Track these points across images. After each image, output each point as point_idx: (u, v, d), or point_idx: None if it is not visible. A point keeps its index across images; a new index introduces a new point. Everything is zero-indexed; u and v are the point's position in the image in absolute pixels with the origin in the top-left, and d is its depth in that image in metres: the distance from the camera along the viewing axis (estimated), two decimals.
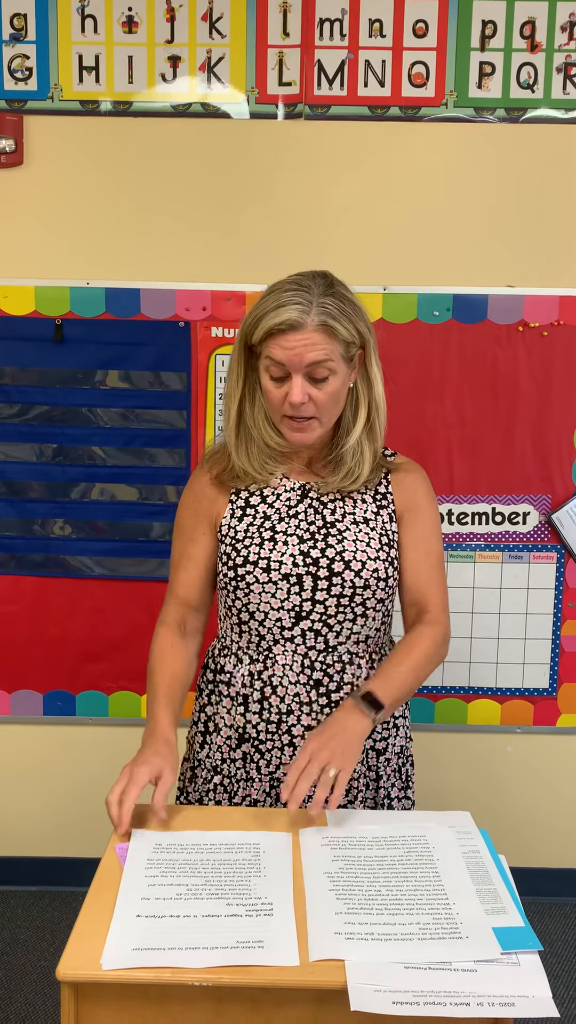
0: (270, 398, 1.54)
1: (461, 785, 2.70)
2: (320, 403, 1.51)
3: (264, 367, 1.53)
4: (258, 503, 1.60)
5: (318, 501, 1.60)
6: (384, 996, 1.04)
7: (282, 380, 1.51)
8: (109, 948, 1.10)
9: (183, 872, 1.26)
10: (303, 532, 1.57)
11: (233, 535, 1.59)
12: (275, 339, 1.48)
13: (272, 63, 2.42)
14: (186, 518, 1.66)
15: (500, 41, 2.42)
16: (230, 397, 1.60)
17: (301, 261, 1.85)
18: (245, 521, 1.59)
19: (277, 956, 1.10)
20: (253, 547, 1.57)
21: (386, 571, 1.58)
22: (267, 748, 1.60)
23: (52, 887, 2.76)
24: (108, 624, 2.62)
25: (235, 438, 1.60)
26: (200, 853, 1.31)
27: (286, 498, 1.60)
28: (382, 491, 1.63)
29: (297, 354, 1.47)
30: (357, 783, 1.60)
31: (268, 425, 1.59)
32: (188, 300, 2.50)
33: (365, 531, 1.59)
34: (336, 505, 1.60)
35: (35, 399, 2.54)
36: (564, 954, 2.55)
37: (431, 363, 2.52)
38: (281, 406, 1.52)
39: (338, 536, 1.57)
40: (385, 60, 2.42)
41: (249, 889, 1.23)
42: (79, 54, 2.42)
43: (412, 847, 1.33)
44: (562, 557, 2.59)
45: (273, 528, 1.58)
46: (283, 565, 1.55)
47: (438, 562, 1.64)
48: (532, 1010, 1.04)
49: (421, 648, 1.57)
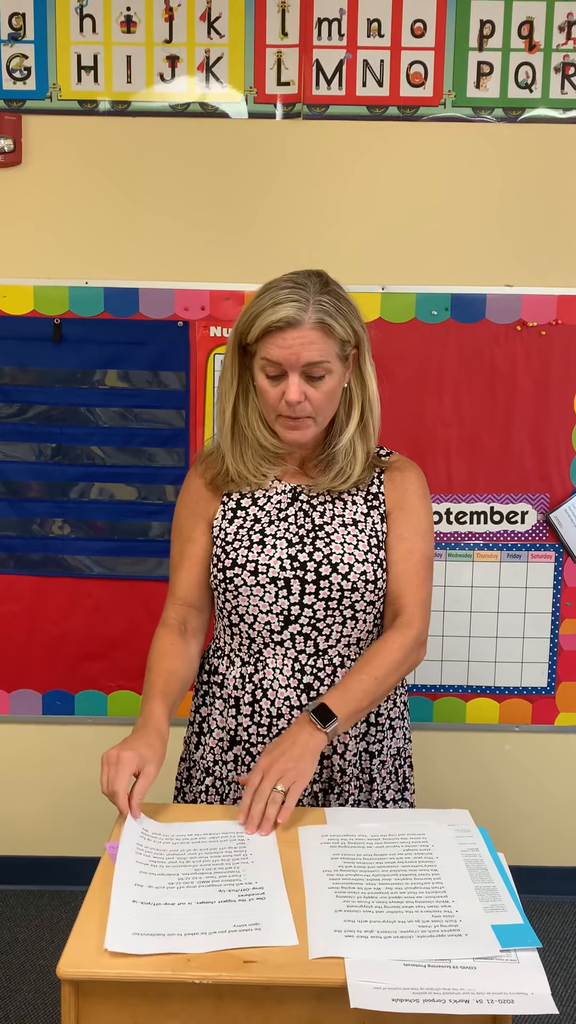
0: (266, 398, 1.52)
1: (459, 784, 2.70)
2: (316, 402, 1.50)
3: (260, 367, 1.51)
4: (249, 505, 1.60)
5: (308, 504, 1.59)
6: (384, 993, 1.04)
7: (278, 379, 1.50)
8: (110, 931, 1.11)
9: (171, 862, 1.27)
10: (291, 535, 1.57)
11: (223, 537, 1.59)
12: (272, 337, 1.47)
13: (270, 63, 2.42)
14: (184, 518, 1.65)
15: (498, 41, 2.42)
16: (224, 398, 1.58)
17: (299, 260, 1.85)
18: (235, 523, 1.59)
19: (275, 937, 1.12)
20: (242, 549, 1.57)
21: (374, 573, 1.57)
22: (258, 751, 1.59)
23: (51, 886, 2.76)
24: (107, 623, 2.62)
25: (230, 440, 1.59)
26: (185, 843, 1.32)
27: (277, 500, 1.60)
28: (374, 491, 1.62)
29: (294, 353, 1.46)
30: (348, 786, 1.59)
31: (262, 425, 1.58)
32: (187, 299, 2.50)
33: (353, 533, 1.57)
34: (325, 507, 1.59)
35: (34, 398, 2.55)
36: (562, 952, 2.55)
37: (429, 363, 2.52)
38: (277, 405, 1.51)
39: (326, 539, 1.56)
40: (383, 60, 2.42)
41: (238, 875, 1.24)
42: (77, 54, 2.42)
43: (411, 845, 1.33)
44: (560, 556, 2.59)
45: (263, 531, 1.57)
46: (271, 568, 1.55)
47: (420, 560, 1.59)
48: (531, 1007, 1.04)
49: (386, 657, 1.52)
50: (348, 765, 1.59)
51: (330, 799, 1.59)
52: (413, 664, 1.58)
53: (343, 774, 1.58)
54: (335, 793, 1.59)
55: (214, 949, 1.10)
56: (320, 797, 1.60)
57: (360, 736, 1.61)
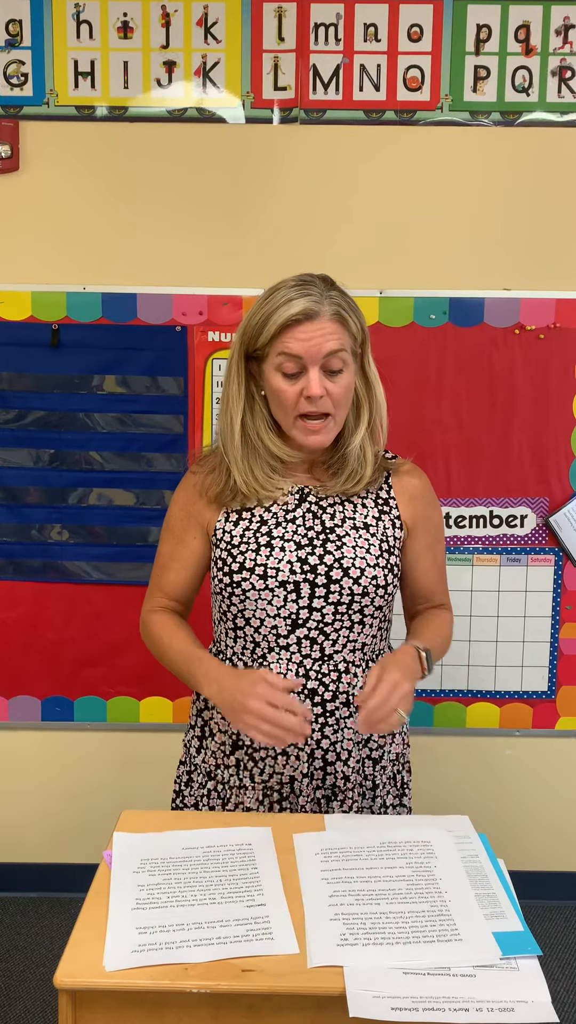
0: (284, 398, 1.50)
1: (460, 789, 2.69)
2: (336, 397, 1.50)
3: (275, 366, 1.49)
4: (254, 506, 1.58)
5: (317, 505, 1.58)
6: (383, 1002, 1.04)
7: (296, 377, 1.48)
8: (109, 950, 1.10)
9: (170, 872, 1.27)
10: (300, 538, 1.55)
11: (228, 540, 1.56)
12: (290, 331, 1.46)
13: (267, 68, 2.42)
14: (177, 519, 1.63)
15: (495, 45, 2.42)
16: (231, 408, 1.56)
17: (297, 265, 1.85)
18: (241, 525, 1.57)
19: (275, 945, 1.11)
20: (249, 553, 1.54)
21: (385, 578, 1.56)
22: (260, 756, 1.57)
23: (51, 893, 2.75)
24: (106, 629, 2.62)
25: (240, 453, 1.55)
26: (184, 852, 1.32)
27: (283, 502, 1.57)
28: (384, 496, 1.61)
29: (315, 344, 1.46)
30: (352, 793, 1.58)
31: (272, 433, 1.56)
32: (185, 304, 2.50)
33: (365, 537, 1.56)
34: (336, 510, 1.58)
35: (32, 404, 2.54)
36: (564, 957, 2.54)
37: (428, 366, 2.52)
38: (296, 404, 1.49)
39: (337, 542, 1.55)
40: (380, 64, 2.42)
41: (237, 884, 1.24)
42: (74, 60, 2.42)
43: (411, 852, 1.33)
44: (560, 560, 2.59)
45: (270, 533, 1.55)
46: (280, 572, 1.53)
47: (444, 562, 1.71)
48: (531, 1015, 1.04)
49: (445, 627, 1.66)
50: (351, 772, 1.58)
51: (333, 806, 1.58)
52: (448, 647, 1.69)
53: (347, 780, 1.58)
54: (338, 800, 1.58)
55: (213, 958, 1.09)
56: (323, 804, 1.58)
57: (363, 743, 1.60)
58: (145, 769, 2.65)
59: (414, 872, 1.28)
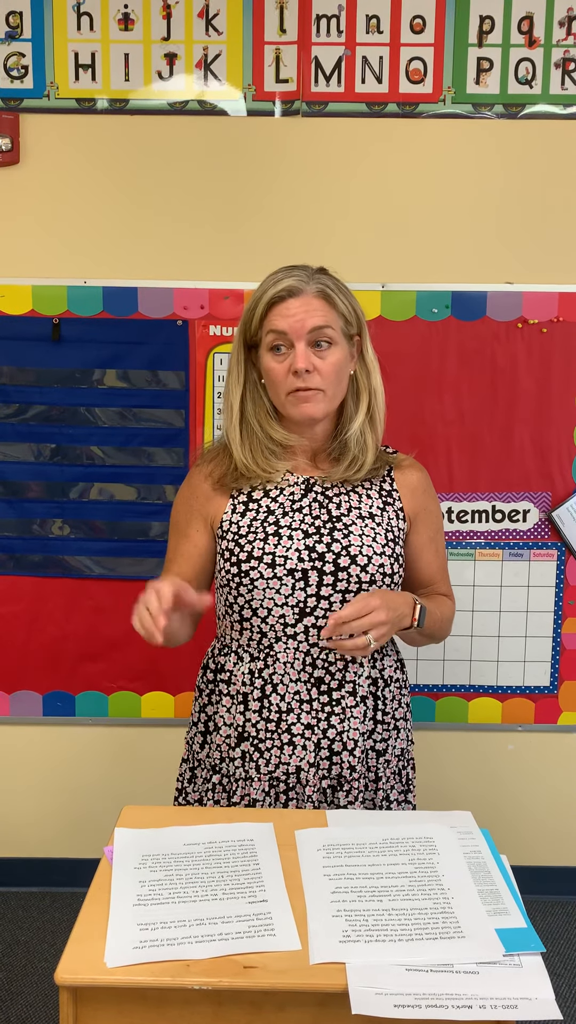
0: (274, 376, 1.54)
1: (462, 784, 2.69)
2: (324, 372, 1.53)
3: (267, 345, 1.54)
4: (261, 497, 1.60)
5: (323, 495, 1.60)
6: (385, 999, 1.03)
7: (285, 354, 1.53)
8: (111, 946, 1.10)
9: (171, 868, 1.27)
10: (308, 526, 1.57)
11: (236, 530, 1.58)
12: (276, 309, 1.52)
13: (269, 60, 2.41)
14: (181, 514, 1.65)
15: (498, 36, 2.40)
16: (231, 393, 1.61)
17: (299, 258, 1.83)
18: (248, 516, 1.58)
19: (278, 941, 1.11)
20: (257, 542, 1.56)
21: (391, 567, 1.58)
22: (266, 747, 1.58)
23: (52, 888, 2.75)
24: (107, 624, 2.61)
25: (238, 433, 1.59)
26: (185, 848, 1.32)
27: (290, 492, 1.60)
28: (387, 488, 1.64)
29: (299, 320, 1.51)
30: (356, 783, 1.59)
31: (271, 419, 1.60)
32: (186, 298, 2.49)
33: (371, 525, 1.59)
34: (341, 499, 1.60)
35: (33, 399, 2.53)
36: (567, 952, 2.54)
37: (430, 360, 2.51)
38: (285, 380, 1.53)
39: (344, 530, 1.57)
40: (382, 56, 2.41)
41: (239, 880, 1.24)
42: (75, 52, 2.41)
43: (413, 848, 1.32)
44: (562, 554, 2.58)
45: (277, 523, 1.57)
46: (288, 560, 1.54)
47: (445, 556, 1.75)
48: (535, 1012, 1.03)
49: (446, 607, 1.69)
50: (357, 763, 1.58)
51: (339, 796, 1.59)
52: (448, 631, 1.73)
53: (352, 771, 1.58)
54: (344, 790, 1.59)
55: (215, 955, 1.08)
56: (328, 794, 1.59)
57: (367, 734, 1.61)
58: (147, 764, 2.65)
59: (416, 868, 1.27)
